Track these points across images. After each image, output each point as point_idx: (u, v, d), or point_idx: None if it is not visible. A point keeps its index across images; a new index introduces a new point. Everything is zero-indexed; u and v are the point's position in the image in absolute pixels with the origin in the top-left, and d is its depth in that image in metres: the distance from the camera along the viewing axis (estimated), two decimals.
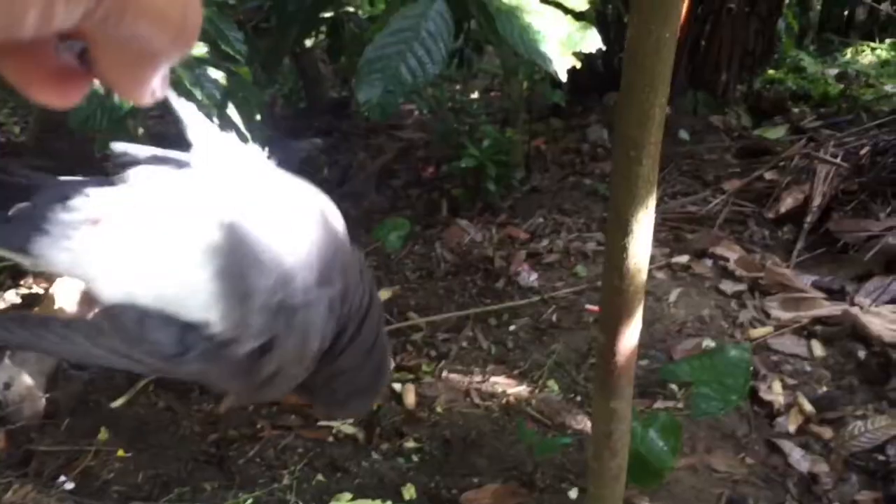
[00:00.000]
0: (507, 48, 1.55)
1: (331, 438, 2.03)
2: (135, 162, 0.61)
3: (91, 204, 0.57)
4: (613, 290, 0.66)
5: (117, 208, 0.57)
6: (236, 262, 0.56)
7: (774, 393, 2.20)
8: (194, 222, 0.56)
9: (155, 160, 0.62)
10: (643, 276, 0.66)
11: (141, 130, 2.13)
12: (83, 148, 2.88)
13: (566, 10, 1.55)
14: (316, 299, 0.59)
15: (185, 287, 0.56)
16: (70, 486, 1.86)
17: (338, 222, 0.67)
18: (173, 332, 0.57)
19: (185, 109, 0.61)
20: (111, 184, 0.59)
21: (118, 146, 0.63)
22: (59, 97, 0.32)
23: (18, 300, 2.48)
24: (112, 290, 0.57)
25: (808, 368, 2.31)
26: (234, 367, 0.59)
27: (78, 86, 0.33)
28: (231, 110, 1.89)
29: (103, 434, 2.03)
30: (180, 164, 0.61)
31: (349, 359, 0.68)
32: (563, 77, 1.51)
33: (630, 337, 0.70)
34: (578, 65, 1.52)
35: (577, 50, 1.52)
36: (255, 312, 0.56)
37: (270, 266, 0.57)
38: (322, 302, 0.60)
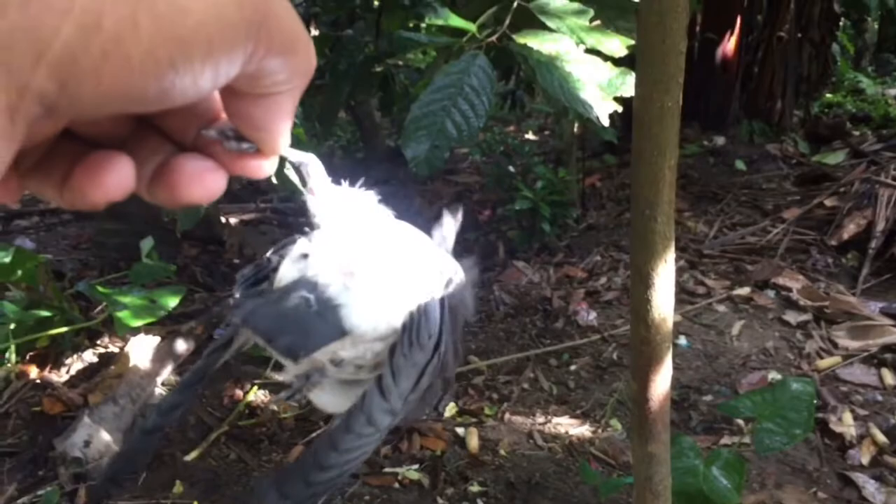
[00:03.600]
0: (550, 97, 1.59)
1: (396, 485, 2.06)
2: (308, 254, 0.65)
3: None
4: (641, 340, 0.69)
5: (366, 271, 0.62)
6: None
7: (845, 424, 2.15)
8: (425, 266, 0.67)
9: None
10: (669, 324, 0.69)
11: None
12: (153, 211, 3.02)
13: (605, 57, 1.59)
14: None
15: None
16: None
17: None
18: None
19: (308, 161, 0.62)
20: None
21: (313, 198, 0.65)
22: (208, 191, 0.37)
23: (96, 359, 2.59)
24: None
25: (880, 398, 2.26)
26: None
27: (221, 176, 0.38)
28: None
29: (178, 487, 2.10)
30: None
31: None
32: (606, 122, 1.55)
33: (661, 383, 0.72)
34: (620, 109, 1.55)
35: (618, 94, 1.56)
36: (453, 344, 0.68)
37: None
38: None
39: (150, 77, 0.26)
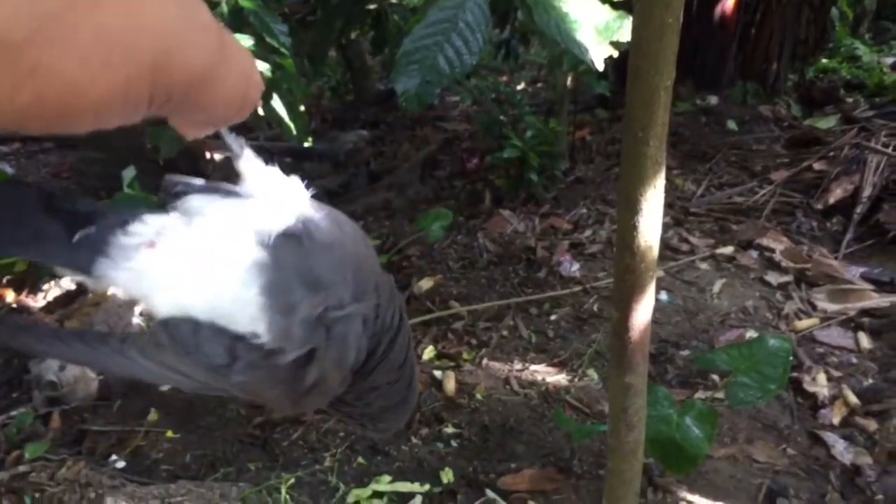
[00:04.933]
0: (546, 38, 1.56)
1: None
2: (188, 191, 0.67)
3: (148, 229, 0.63)
4: (626, 268, 0.68)
5: (173, 231, 0.63)
6: (281, 278, 0.61)
7: (819, 385, 2.18)
8: (243, 242, 0.62)
9: (207, 189, 0.68)
10: (654, 253, 0.68)
11: None
12: (134, 140, 2.96)
13: (604, 0, 1.56)
14: (353, 314, 0.65)
15: (235, 301, 0.61)
16: (121, 464, 1.93)
17: (369, 248, 0.73)
18: (223, 342, 0.62)
19: (236, 143, 0.68)
20: (166, 212, 0.65)
21: (173, 178, 0.70)
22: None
23: (73, 287, 2.56)
24: (168, 305, 0.63)
25: (854, 360, 2.28)
26: (278, 376, 0.64)
27: None
28: (276, 101, 1.94)
29: (153, 415, 2.10)
30: (229, 193, 0.67)
31: (382, 374, 0.74)
32: (601, 65, 1.52)
33: (643, 313, 0.72)
34: (616, 53, 1.53)
35: (615, 39, 1.53)
36: (297, 325, 0.62)
37: (311, 282, 0.63)
38: (357, 316, 0.66)
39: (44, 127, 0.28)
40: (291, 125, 1.97)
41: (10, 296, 2.47)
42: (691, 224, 3.11)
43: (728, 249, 2.86)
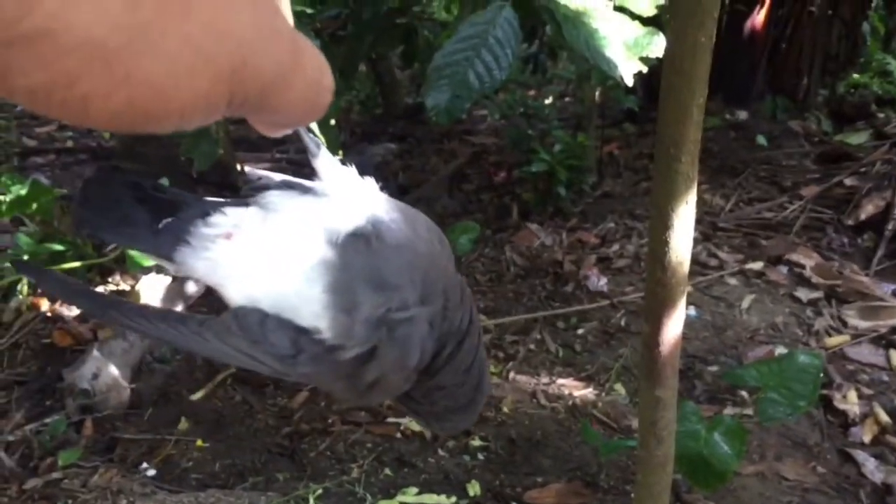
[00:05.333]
0: (575, 53, 1.57)
1: (398, 434, 2.08)
2: (267, 186, 0.70)
3: (227, 221, 0.66)
4: (657, 282, 0.68)
5: (249, 225, 0.66)
6: (346, 277, 0.64)
7: (849, 402, 2.16)
8: (313, 240, 0.65)
9: (285, 185, 0.70)
10: (685, 268, 0.68)
11: (221, 134, 2.23)
12: (170, 152, 3.02)
13: (633, 16, 1.57)
14: (417, 316, 0.66)
15: (300, 296, 0.64)
16: (151, 472, 1.96)
17: (445, 248, 0.75)
18: (289, 335, 0.65)
19: (312, 142, 0.70)
20: (245, 204, 0.68)
21: (254, 172, 0.73)
22: None
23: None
24: (240, 294, 0.66)
25: (886, 378, 2.26)
26: (340, 371, 0.67)
27: None
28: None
29: (183, 424, 2.13)
30: (306, 190, 0.69)
31: (448, 375, 0.75)
32: (630, 81, 1.52)
33: (674, 327, 0.72)
34: (645, 69, 1.53)
35: (644, 55, 1.54)
36: (359, 323, 0.64)
37: (376, 283, 0.65)
38: (423, 318, 0.67)
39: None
40: (321, 138, 1.99)
41: (44, 305, 2.52)
42: (720, 239, 3.09)
43: (757, 265, 2.84)
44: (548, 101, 5.02)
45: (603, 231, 3.23)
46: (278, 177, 0.72)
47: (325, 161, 0.71)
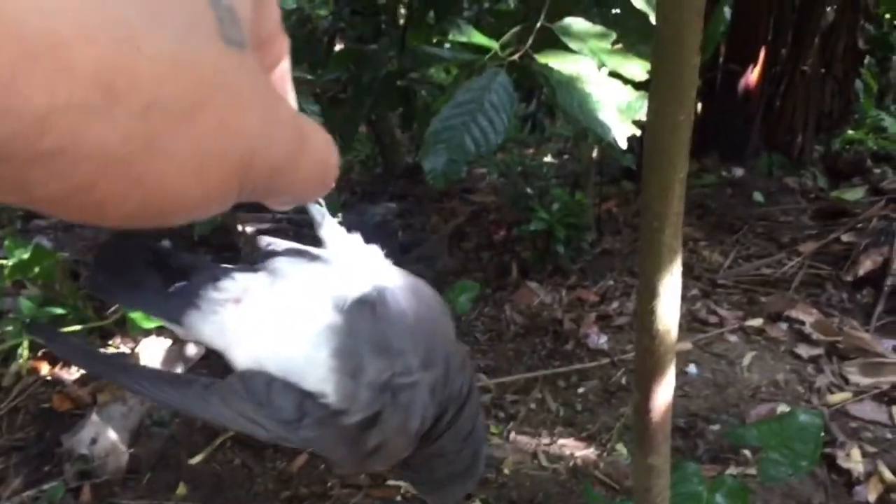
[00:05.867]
0: (569, 116, 1.61)
1: (399, 498, 2.06)
2: (275, 253, 0.73)
3: (236, 286, 0.69)
4: (645, 351, 0.70)
5: (258, 290, 0.68)
6: (351, 342, 0.65)
7: (853, 461, 2.14)
8: (320, 305, 0.66)
9: (293, 253, 0.73)
10: (672, 336, 0.69)
11: None
12: None
13: (625, 81, 1.60)
14: (419, 381, 0.68)
15: (306, 360, 0.65)
16: None
17: (446, 315, 0.78)
18: (294, 398, 0.66)
19: (318, 213, 0.72)
20: (254, 270, 0.71)
21: (264, 240, 0.76)
22: None
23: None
24: (246, 357, 0.67)
25: (889, 436, 2.24)
26: (343, 436, 0.68)
27: None
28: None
29: (182, 489, 2.11)
30: (313, 258, 0.72)
31: (447, 442, 0.76)
32: (624, 144, 1.56)
33: (664, 394, 0.73)
34: (638, 132, 1.56)
35: (637, 118, 1.57)
36: (363, 387, 0.65)
37: (380, 348, 0.66)
38: (424, 384, 0.69)
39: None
40: (322, 200, 2.02)
41: (44, 368, 2.52)
42: (719, 296, 3.10)
43: (757, 322, 2.84)
44: (546, 158, 5.08)
45: (602, 288, 3.24)
46: (286, 244, 0.74)
47: (331, 229, 0.73)
